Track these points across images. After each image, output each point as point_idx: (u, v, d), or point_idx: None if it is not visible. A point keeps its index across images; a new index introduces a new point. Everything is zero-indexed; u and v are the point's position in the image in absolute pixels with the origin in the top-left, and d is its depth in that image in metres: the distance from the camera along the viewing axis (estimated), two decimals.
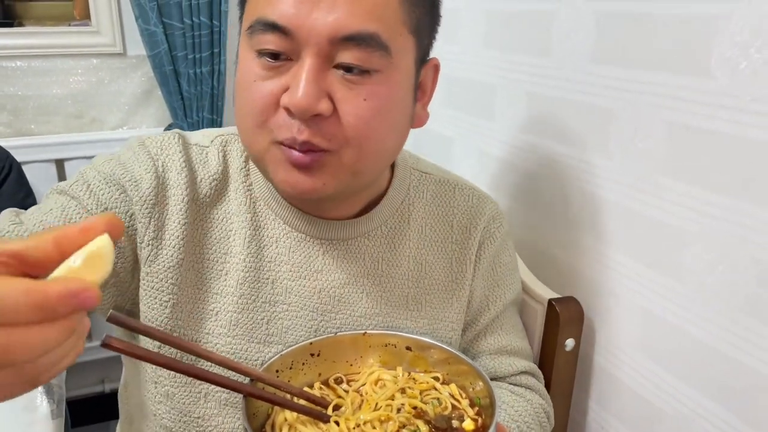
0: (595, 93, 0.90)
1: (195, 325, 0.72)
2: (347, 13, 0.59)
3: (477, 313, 0.83)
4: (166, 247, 0.70)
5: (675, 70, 0.77)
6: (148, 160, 0.70)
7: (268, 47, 0.61)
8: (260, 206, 0.74)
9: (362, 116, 0.62)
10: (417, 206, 0.80)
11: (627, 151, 0.85)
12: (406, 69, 0.66)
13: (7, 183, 1.51)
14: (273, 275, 0.73)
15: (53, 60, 1.93)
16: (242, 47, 0.66)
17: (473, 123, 1.23)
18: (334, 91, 0.61)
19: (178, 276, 0.70)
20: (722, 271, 0.73)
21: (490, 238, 0.82)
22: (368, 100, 0.62)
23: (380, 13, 0.61)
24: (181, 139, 0.74)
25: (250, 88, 0.63)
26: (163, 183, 0.70)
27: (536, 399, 0.84)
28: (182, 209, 0.70)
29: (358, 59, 0.61)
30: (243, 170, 0.75)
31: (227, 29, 1.94)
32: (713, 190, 0.74)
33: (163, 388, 0.73)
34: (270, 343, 0.73)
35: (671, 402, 0.82)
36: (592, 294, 0.95)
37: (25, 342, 0.33)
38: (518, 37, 1.07)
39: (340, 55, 0.60)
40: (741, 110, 0.69)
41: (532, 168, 1.06)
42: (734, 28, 0.69)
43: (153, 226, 0.69)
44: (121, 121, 2.05)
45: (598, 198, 0.92)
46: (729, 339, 0.73)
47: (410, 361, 0.71)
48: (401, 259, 0.78)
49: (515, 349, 0.86)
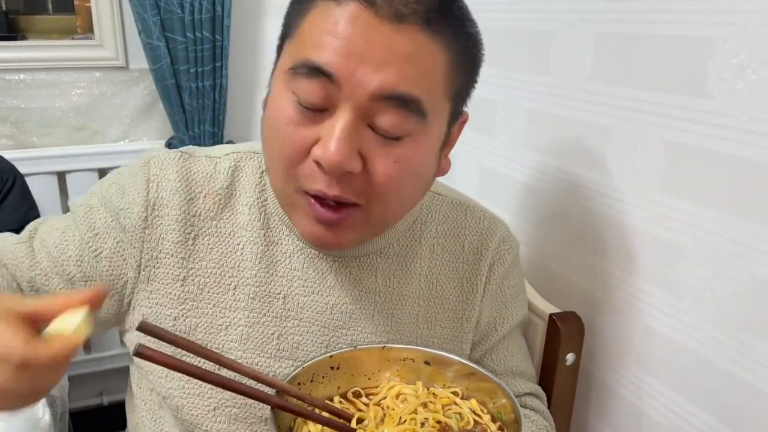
0: (594, 111, 0.91)
1: (203, 340, 0.72)
2: (396, 74, 0.58)
3: (484, 334, 0.83)
4: (163, 265, 0.72)
5: (672, 89, 0.78)
6: (143, 183, 0.72)
7: (308, 99, 0.60)
8: (274, 222, 0.75)
9: (391, 176, 0.63)
10: (429, 226, 0.80)
11: (625, 168, 0.87)
12: (437, 131, 0.66)
13: (11, 196, 1.51)
14: (285, 290, 0.74)
15: (56, 73, 1.94)
16: (278, 82, 0.64)
17: (475, 139, 1.24)
18: (366, 148, 0.61)
19: (178, 291, 0.72)
20: (719, 287, 0.75)
21: (500, 260, 0.83)
22: (398, 163, 0.62)
23: (427, 79, 0.61)
24: (183, 158, 0.75)
25: (282, 130, 0.62)
26: (154, 205, 0.72)
27: (540, 421, 0.84)
28: (176, 228, 0.72)
29: (394, 125, 0.60)
30: (258, 186, 0.75)
31: (229, 44, 1.96)
32: (710, 206, 0.75)
33: (173, 401, 0.73)
34: (281, 358, 0.73)
35: (670, 416, 0.83)
36: (592, 309, 0.96)
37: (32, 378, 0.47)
38: (518, 56, 1.09)
39: (377, 114, 0.60)
40: (737, 129, 0.70)
41: (531, 184, 1.08)
42: (731, 50, 0.70)
43: (147, 247, 0.72)
44: (122, 133, 2.07)
45: (596, 214, 0.93)
46: (727, 354, 0.74)
47: (429, 375, 0.71)
48: (412, 278, 0.78)
49: (521, 370, 0.86)
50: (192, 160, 0.75)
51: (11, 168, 1.56)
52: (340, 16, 0.58)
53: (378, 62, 0.57)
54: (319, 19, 0.59)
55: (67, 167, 1.94)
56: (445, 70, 0.62)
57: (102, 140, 2.04)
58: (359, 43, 0.57)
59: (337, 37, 0.58)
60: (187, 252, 0.72)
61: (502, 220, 0.86)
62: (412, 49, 0.58)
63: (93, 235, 0.72)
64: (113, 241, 0.72)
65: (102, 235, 0.72)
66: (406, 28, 0.58)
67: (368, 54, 0.57)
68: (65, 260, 0.72)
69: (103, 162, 1.99)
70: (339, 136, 0.59)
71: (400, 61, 0.58)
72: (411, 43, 0.58)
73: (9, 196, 1.51)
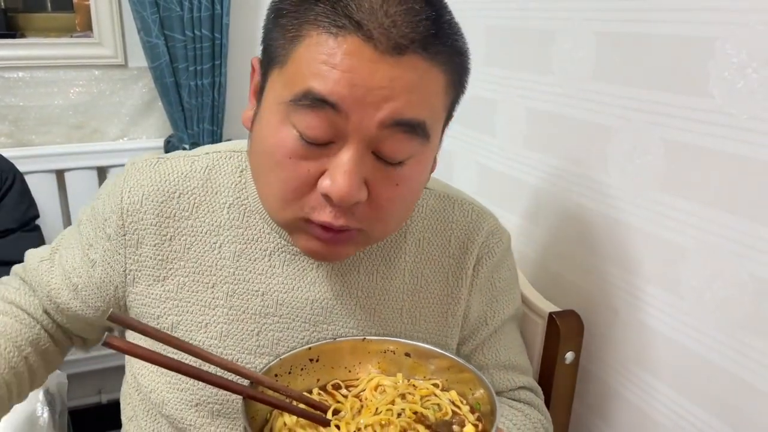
0: (595, 110, 0.91)
1: (184, 337, 0.73)
2: (404, 102, 0.58)
3: (475, 328, 0.83)
4: (144, 267, 0.74)
5: (673, 89, 0.78)
6: (118, 192, 0.75)
7: (313, 134, 0.59)
8: (255, 219, 0.75)
9: (395, 199, 0.64)
10: (415, 220, 0.80)
11: (625, 168, 0.87)
12: (435, 144, 0.67)
13: (10, 195, 1.51)
14: (263, 288, 0.74)
15: (55, 71, 1.94)
16: (273, 113, 0.62)
17: (474, 137, 1.24)
18: (369, 175, 0.61)
19: (159, 291, 0.74)
20: (720, 287, 0.75)
21: (489, 254, 0.82)
22: (400, 185, 0.63)
23: (430, 102, 0.61)
24: (159, 162, 0.76)
25: (284, 164, 0.61)
26: (127, 211, 0.74)
27: (535, 415, 0.84)
28: (153, 231, 0.73)
29: (399, 150, 0.61)
30: (237, 185, 0.75)
31: (228, 42, 1.96)
32: (711, 206, 0.75)
33: (159, 395, 0.74)
34: (261, 354, 0.74)
35: (670, 415, 0.83)
36: (591, 308, 0.96)
37: None
38: (519, 55, 1.09)
39: (382, 141, 0.60)
40: (737, 128, 0.70)
41: (531, 183, 1.08)
42: (731, 49, 0.70)
43: (129, 252, 0.74)
44: (121, 132, 2.06)
45: (596, 213, 0.93)
46: (727, 354, 0.74)
47: (409, 367, 0.71)
48: (396, 273, 0.78)
49: (514, 364, 0.86)
50: (167, 162, 0.76)
51: (10, 167, 1.56)
52: (338, 49, 0.56)
53: (384, 93, 0.57)
54: (314, 50, 0.57)
55: (65, 165, 1.94)
56: (444, 90, 0.63)
57: (101, 138, 2.04)
58: (362, 75, 0.56)
59: (338, 69, 0.56)
60: (164, 253, 0.74)
61: (492, 213, 0.85)
62: (415, 78, 0.58)
63: (88, 246, 0.77)
64: (102, 250, 0.75)
65: (94, 246, 0.76)
66: (406, 59, 0.57)
67: (372, 86, 0.57)
68: (71, 272, 0.77)
69: (102, 160, 1.99)
70: (348, 170, 0.59)
71: (405, 92, 0.58)
72: (413, 72, 0.58)
73: (8, 195, 1.51)
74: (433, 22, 0.59)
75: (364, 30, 0.56)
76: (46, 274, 0.79)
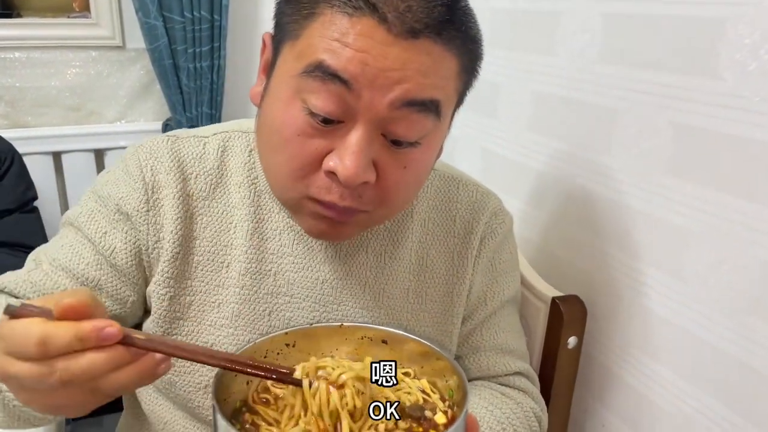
0: (601, 93, 0.90)
1: (196, 317, 0.73)
2: (416, 84, 0.58)
3: (474, 308, 0.83)
4: (164, 245, 0.72)
5: (682, 70, 0.77)
6: (137, 170, 0.72)
7: (323, 108, 0.58)
8: (264, 199, 0.75)
9: (401, 183, 0.64)
10: (421, 201, 0.81)
11: (630, 151, 0.86)
12: (445, 127, 0.67)
13: (8, 175, 1.50)
14: (275, 267, 0.74)
15: (52, 52, 1.92)
16: (283, 87, 0.62)
17: (477, 121, 1.23)
18: (378, 157, 0.61)
19: (174, 269, 0.72)
20: (726, 271, 0.74)
21: (492, 234, 0.82)
22: (408, 168, 0.63)
23: (444, 86, 0.61)
24: (170, 141, 0.75)
25: (292, 140, 0.61)
26: (153, 187, 0.72)
27: (528, 402, 0.83)
28: (175, 205, 0.72)
29: (411, 130, 0.60)
30: (247, 164, 0.75)
31: (227, 24, 1.94)
32: (717, 190, 0.74)
33: (166, 377, 0.73)
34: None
35: (673, 401, 0.83)
36: (595, 293, 0.95)
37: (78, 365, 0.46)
38: (524, 36, 1.08)
39: (393, 122, 0.59)
40: (749, 111, 0.69)
41: (535, 167, 1.07)
42: (744, 30, 0.69)
43: (153, 229, 0.72)
44: (119, 114, 2.05)
45: (601, 197, 0.92)
46: (732, 339, 0.74)
47: (386, 354, 0.70)
48: (403, 253, 0.79)
49: (510, 348, 0.85)
50: (180, 142, 0.75)
51: (9, 147, 1.54)
52: (352, 29, 0.56)
53: (396, 75, 0.57)
54: (328, 27, 0.57)
55: (63, 147, 1.93)
56: (457, 74, 0.63)
57: (98, 121, 2.02)
58: (375, 56, 0.56)
59: (351, 48, 0.56)
60: (185, 231, 0.73)
61: (495, 194, 0.86)
62: (428, 62, 0.58)
63: (102, 234, 0.72)
64: (122, 233, 0.72)
65: (111, 232, 0.72)
66: (419, 43, 0.57)
67: (384, 67, 0.56)
68: (84, 268, 0.71)
69: (100, 143, 1.98)
70: (356, 150, 0.58)
71: (417, 74, 0.58)
72: (426, 56, 0.58)
73: (6, 175, 1.49)
74: (448, 8, 0.59)
75: (379, 13, 0.56)
76: (47, 281, 0.71)
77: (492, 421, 0.77)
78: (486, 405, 0.79)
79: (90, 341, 0.46)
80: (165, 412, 0.78)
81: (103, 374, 0.47)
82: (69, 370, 0.46)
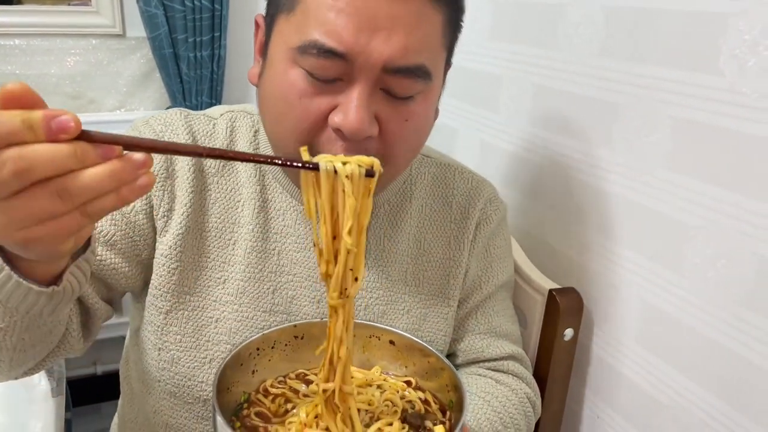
0: (602, 87, 0.91)
1: (202, 292, 0.74)
2: (402, 46, 0.61)
3: (469, 292, 0.86)
4: (175, 216, 0.74)
5: (683, 66, 0.77)
6: (153, 137, 0.74)
7: (325, 74, 0.62)
8: (268, 179, 0.77)
9: (403, 136, 0.67)
10: (418, 187, 0.83)
11: (631, 145, 0.86)
12: (439, 84, 0.71)
13: None
14: (279, 246, 0.76)
15: (52, 39, 1.91)
16: (281, 59, 0.64)
17: (477, 114, 1.24)
18: (380, 111, 0.64)
19: (183, 243, 0.73)
20: (723, 265, 0.75)
21: (487, 220, 0.85)
22: (409, 121, 0.66)
23: (430, 43, 0.64)
24: (184, 114, 0.77)
25: (295, 104, 0.63)
26: (169, 157, 0.73)
27: (522, 387, 0.85)
28: (189, 178, 0.73)
29: (404, 88, 0.64)
30: (252, 144, 0.78)
31: (228, 13, 1.93)
32: (716, 184, 0.75)
33: (168, 353, 0.74)
34: (275, 312, 0.76)
35: (669, 393, 0.84)
36: (592, 285, 0.96)
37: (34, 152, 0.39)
38: (526, 29, 1.08)
39: (389, 81, 0.63)
40: (747, 107, 0.70)
41: (535, 160, 1.07)
42: (744, 26, 0.70)
43: (166, 198, 0.73)
44: (119, 103, 2.04)
45: (600, 191, 0.93)
46: (729, 332, 0.75)
47: (392, 355, 0.72)
48: (402, 236, 0.81)
49: (504, 332, 0.87)
50: (192, 117, 0.77)
51: None
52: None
53: (385, 34, 0.60)
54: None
55: None
56: (443, 29, 0.65)
57: (98, 109, 2.02)
58: (366, 16, 0.59)
59: (344, 13, 0.59)
60: (197, 204, 0.74)
61: (490, 183, 0.89)
62: (415, 17, 0.61)
63: None
64: None
65: None
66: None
67: (375, 26, 0.59)
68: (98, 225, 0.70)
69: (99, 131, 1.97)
70: (358, 104, 0.61)
71: (405, 31, 0.61)
72: (414, 11, 0.61)
73: None
74: None
75: None
76: None
77: (489, 412, 0.78)
78: (483, 395, 0.80)
79: (40, 130, 0.39)
80: (156, 401, 0.78)
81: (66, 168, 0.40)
82: (23, 158, 0.39)
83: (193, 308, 0.74)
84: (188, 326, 0.74)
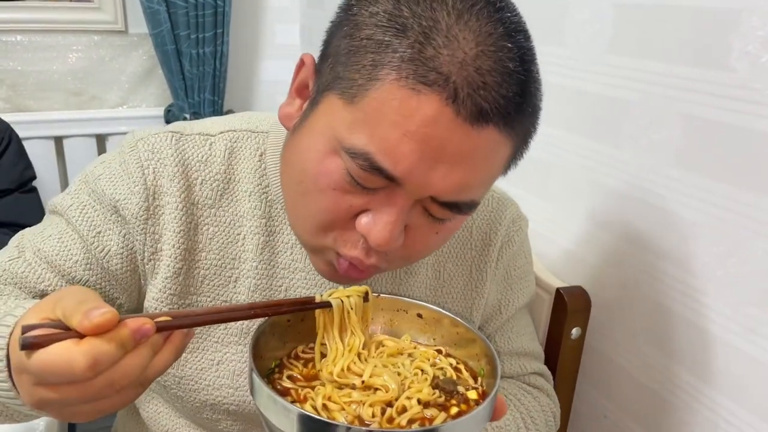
0: (610, 83, 0.90)
1: (202, 332, 0.71)
2: (460, 184, 0.54)
3: (489, 316, 0.82)
4: (164, 257, 0.68)
5: (693, 62, 0.77)
6: (138, 170, 0.67)
7: (367, 184, 0.54)
8: (276, 210, 0.70)
9: (428, 245, 0.61)
10: None
11: (639, 143, 0.86)
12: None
13: (6, 154, 1.48)
14: (286, 283, 0.71)
15: (53, 35, 1.90)
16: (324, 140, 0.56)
17: None
18: (411, 222, 0.57)
19: (177, 285, 0.68)
20: (733, 264, 0.74)
21: (509, 243, 0.80)
22: (440, 234, 0.60)
23: (488, 179, 0.58)
24: (174, 139, 0.69)
25: (325, 192, 0.56)
26: (154, 193, 0.67)
27: (545, 400, 0.84)
28: (177, 216, 0.67)
29: (445, 215, 0.57)
30: (258, 170, 0.70)
31: (231, 10, 1.92)
32: (727, 182, 0.74)
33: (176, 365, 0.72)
34: None
35: (678, 393, 0.83)
36: (599, 284, 0.95)
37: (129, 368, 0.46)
38: (532, 25, 1.07)
39: (431, 205, 0.56)
40: (760, 103, 0.69)
41: (543, 157, 1.07)
42: (756, 22, 0.69)
43: (150, 239, 0.67)
44: (121, 99, 2.04)
45: (608, 188, 0.92)
46: (739, 331, 0.74)
47: (419, 328, 0.69)
48: (419, 268, 0.76)
49: (526, 351, 0.85)
50: (185, 141, 0.69)
51: (6, 126, 1.53)
52: (417, 110, 0.50)
53: (446, 168, 0.53)
54: (391, 103, 0.50)
55: (64, 132, 1.92)
56: (508, 159, 0.58)
57: (100, 106, 2.02)
58: (432, 146, 0.51)
59: (409, 138, 0.51)
60: (188, 243, 0.68)
61: (512, 200, 0.82)
62: (483, 153, 0.54)
63: (96, 234, 0.67)
64: (118, 236, 0.67)
65: (105, 233, 0.67)
66: (484, 130, 0.51)
67: (439, 158, 0.52)
68: (72, 266, 0.67)
69: (101, 128, 1.97)
70: (393, 220, 0.55)
71: (469, 168, 0.54)
72: (485, 145, 0.53)
73: (4, 155, 1.48)
74: (521, 84, 0.53)
75: (450, 87, 0.49)
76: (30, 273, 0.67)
77: (513, 410, 0.78)
78: (510, 398, 0.80)
79: (131, 345, 0.45)
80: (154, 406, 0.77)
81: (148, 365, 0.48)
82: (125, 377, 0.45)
83: (191, 350, 0.71)
84: (185, 369, 0.71)
